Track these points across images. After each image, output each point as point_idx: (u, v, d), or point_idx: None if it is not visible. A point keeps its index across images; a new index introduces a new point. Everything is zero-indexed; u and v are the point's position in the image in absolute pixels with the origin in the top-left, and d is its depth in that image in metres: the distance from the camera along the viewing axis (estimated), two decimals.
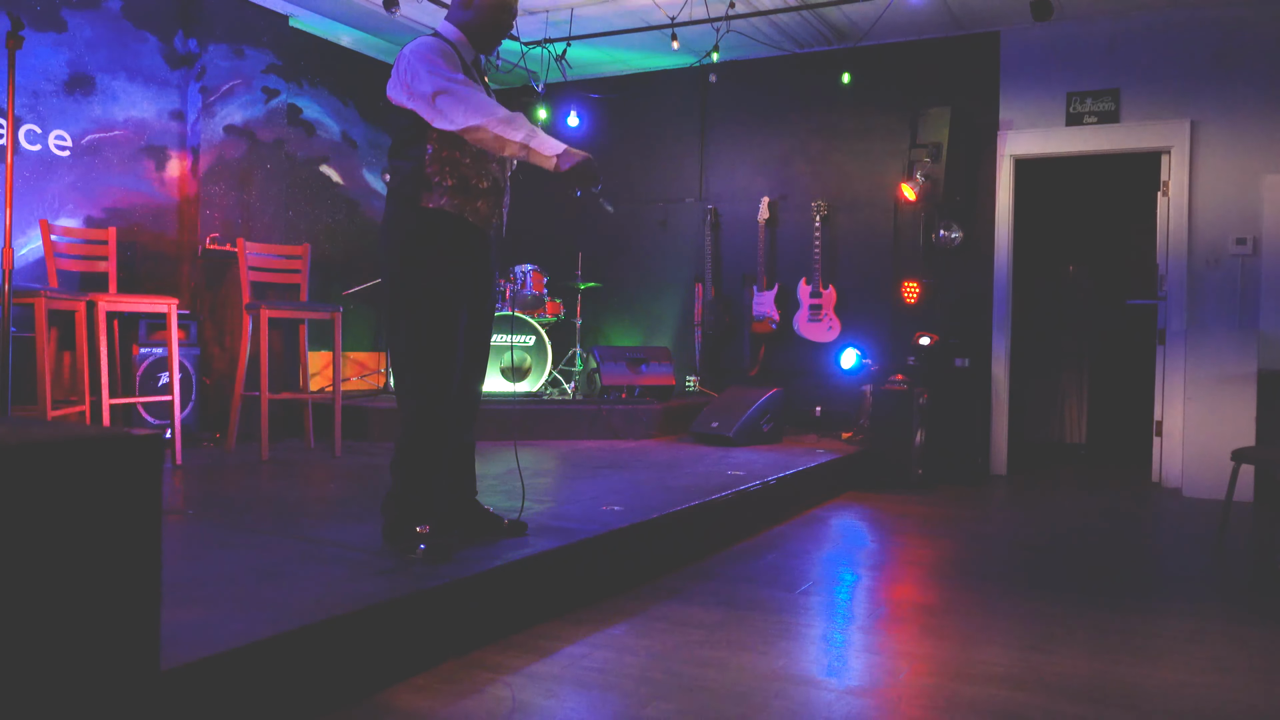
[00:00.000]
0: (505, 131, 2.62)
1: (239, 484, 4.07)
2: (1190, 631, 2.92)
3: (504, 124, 2.62)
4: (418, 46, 2.77)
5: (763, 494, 4.34)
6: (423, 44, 2.77)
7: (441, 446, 2.87)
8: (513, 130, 2.62)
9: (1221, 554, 4.03)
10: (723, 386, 6.80)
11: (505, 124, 2.62)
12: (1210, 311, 5.74)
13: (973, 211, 6.35)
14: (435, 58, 2.72)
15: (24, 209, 4.88)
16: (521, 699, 2.25)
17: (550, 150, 2.63)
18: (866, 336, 6.60)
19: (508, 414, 5.79)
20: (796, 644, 2.72)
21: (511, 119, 2.64)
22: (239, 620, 2.11)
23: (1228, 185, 5.72)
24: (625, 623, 2.87)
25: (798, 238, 6.83)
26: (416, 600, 2.41)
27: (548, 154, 2.63)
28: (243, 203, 5.88)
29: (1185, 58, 5.81)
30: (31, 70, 4.92)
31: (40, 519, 1.54)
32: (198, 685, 1.85)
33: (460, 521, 3.03)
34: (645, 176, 7.42)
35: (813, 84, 6.79)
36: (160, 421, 5.02)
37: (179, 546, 2.83)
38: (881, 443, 5.65)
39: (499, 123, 2.62)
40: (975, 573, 3.63)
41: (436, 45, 2.77)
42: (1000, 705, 2.27)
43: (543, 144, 2.63)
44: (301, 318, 5.17)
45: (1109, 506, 5.21)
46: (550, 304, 6.67)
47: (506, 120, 2.63)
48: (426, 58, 2.72)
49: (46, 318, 4.08)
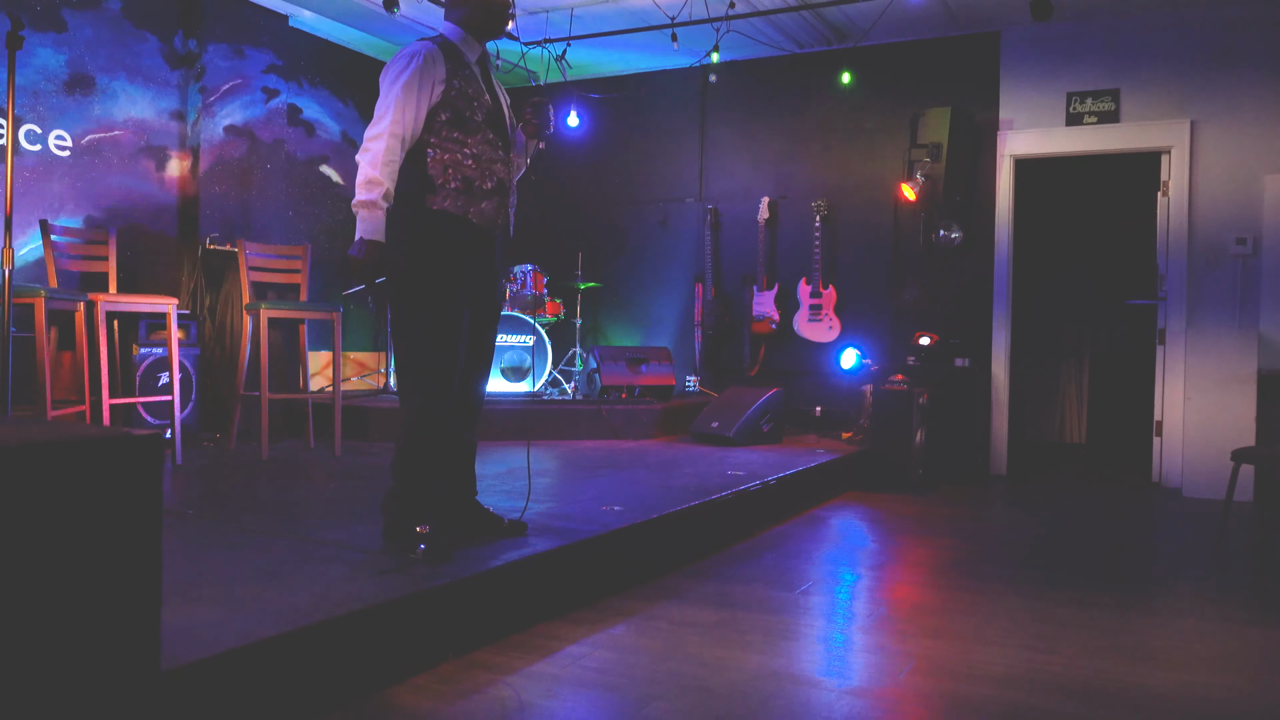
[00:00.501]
0: (357, 188, 2.73)
1: (239, 484, 4.07)
2: (1190, 631, 2.92)
3: (361, 182, 2.72)
4: (394, 60, 2.79)
5: (763, 494, 4.34)
6: (404, 57, 2.77)
7: (442, 446, 2.87)
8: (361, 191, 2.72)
9: (1221, 554, 4.03)
10: (723, 386, 6.80)
11: (361, 183, 2.72)
12: (1210, 311, 5.74)
13: (973, 211, 6.35)
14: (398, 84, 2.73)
15: (24, 209, 4.88)
16: (522, 699, 2.25)
17: (360, 231, 2.73)
18: (866, 336, 6.60)
19: (508, 414, 5.79)
20: (796, 644, 2.72)
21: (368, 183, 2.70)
22: (239, 620, 2.11)
23: (1228, 185, 5.72)
24: (625, 623, 2.87)
25: (798, 238, 6.83)
26: (416, 600, 2.40)
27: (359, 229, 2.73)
28: (243, 203, 5.89)
29: (1185, 58, 5.81)
30: (31, 70, 4.92)
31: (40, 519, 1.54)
32: (198, 685, 1.85)
33: (460, 521, 3.03)
34: (645, 176, 7.43)
35: (813, 84, 6.79)
36: (160, 421, 5.02)
37: (179, 546, 2.83)
38: (881, 443, 5.65)
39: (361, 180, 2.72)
40: (975, 573, 3.63)
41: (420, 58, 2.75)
42: (1000, 705, 2.27)
43: (362, 221, 2.73)
44: (301, 318, 5.17)
45: (1109, 506, 5.21)
46: (550, 304, 6.67)
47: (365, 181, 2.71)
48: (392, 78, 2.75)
49: (46, 318, 4.08)
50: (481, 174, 2.84)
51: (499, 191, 2.90)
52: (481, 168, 2.84)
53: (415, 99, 2.74)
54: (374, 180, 2.70)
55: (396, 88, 2.73)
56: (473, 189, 2.83)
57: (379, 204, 2.70)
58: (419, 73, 2.74)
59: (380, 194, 2.70)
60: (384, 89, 2.76)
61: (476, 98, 2.85)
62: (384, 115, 2.73)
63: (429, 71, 2.75)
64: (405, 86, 2.73)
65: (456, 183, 2.80)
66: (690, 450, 5.50)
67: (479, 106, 2.85)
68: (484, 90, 2.89)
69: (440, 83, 2.77)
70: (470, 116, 2.82)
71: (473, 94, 2.83)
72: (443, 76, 2.77)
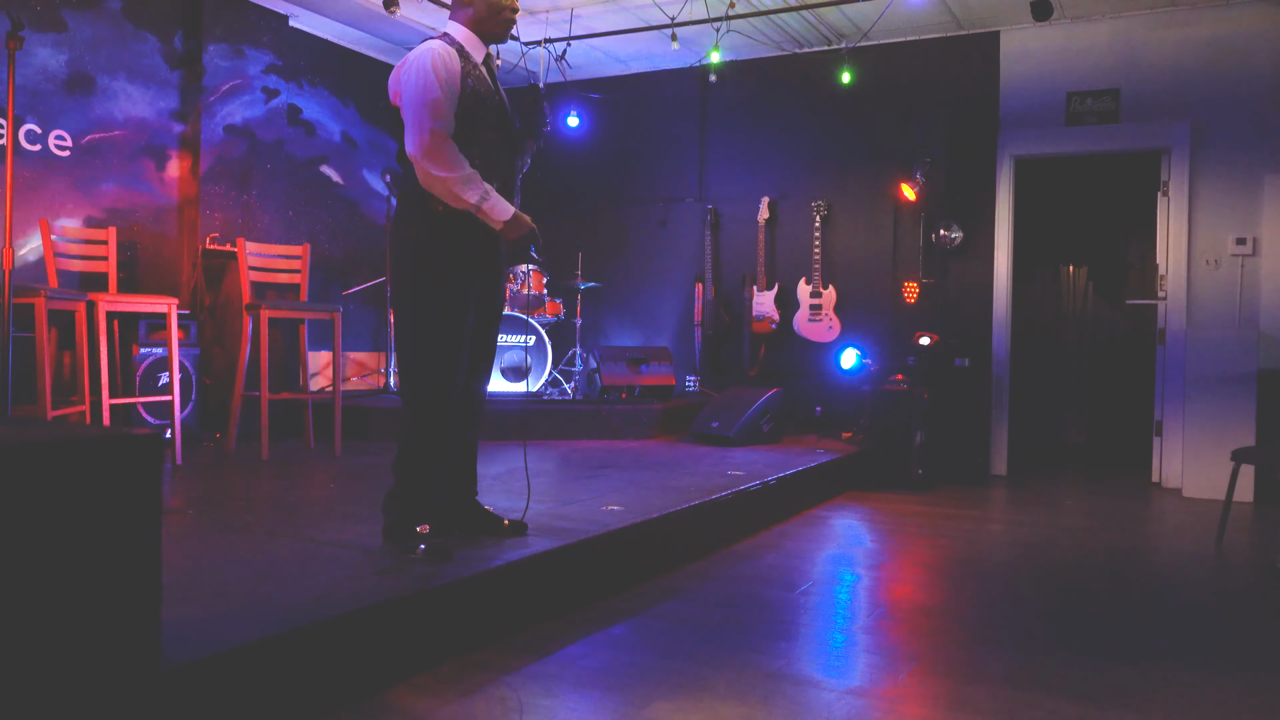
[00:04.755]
0: (461, 191, 2.74)
1: (239, 484, 4.07)
2: (1190, 631, 2.92)
3: (462, 184, 2.73)
4: (420, 60, 2.74)
5: (763, 494, 4.34)
6: (425, 57, 2.73)
7: (443, 446, 2.87)
8: (469, 192, 2.74)
9: (1221, 554, 4.03)
10: (723, 386, 6.80)
11: (463, 184, 2.73)
12: (1210, 311, 5.74)
13: (973, 211, 6.35)
14: (432, 81, 2.70)
15: (24, 209, 4.88)
16: (521, 699, 2.25)
17: (499, 216, 2.79)
18: (866, 336, 6.60)
19: (508, 414, 5.79)
20: (796, 644, 2.72)
21: (469, 180, 2.74)
22: (239, 620, 2.11)
23: (1228, 185, 5.72)
24: (625, 623, 2.87)
25: (798, 238, 6.83)
26: (417, 600, 2.40)
27: (496, 219, 2.79)
28: (243, 203, 5.89)
29: (1185, 58, 5.80)
30: (31, 70, 4.92)
31: (41, 519, 1.54)
32: (198, 685, 1.85)
33: (460, 521, 3.03)
34: (645, 176, 7.42)
35: (813, 84, 6.79)
36: (160, 421, 5.02)
37: (179, 546, 2.83)
38: (881, 443, 5.65)
39: (459, 181, 2.73)
40: (975, 573, 3.63)
41: (440, 59, 2.73)
42: (1000, 705, 2.27)
43: (493, 208, 2.78)
44: (301, 318, 5.17)
45: (1109, 506, 5.21)
46: (550, 304, 6.67)
47: (465, 180, 2.74)
48: (425, 79, 2.71)
49: (46, 318, 4.08)
50: (487, 173, 2.84)
51: (504, 191, 2.90)
52: (488, 167, 2.84)
53: (447, 94, 2.73)
54: (471, 178, 2.74)
55: (431, 87, 2.70)
56: None
57: (488, 190, 2.76)
58: (444, 70, 2.73)
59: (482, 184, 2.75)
60: (415, 89, 2.71)
61: (488, 97, 2.85)
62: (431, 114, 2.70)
63: (450, 68, 2.75)
64: (438, 83, 2.71)
65: None
66: (690, 450, 5.50)
67: (489, 107, 2.85)
68: (493, 90, 2.89)
69: (458, 80, 2.77)
70: (481, 117, 2.82)
71: (484, 93, 2.84)
72: (459, 75, 2.77)
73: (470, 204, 2.74)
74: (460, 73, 2.77)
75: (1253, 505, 5.25)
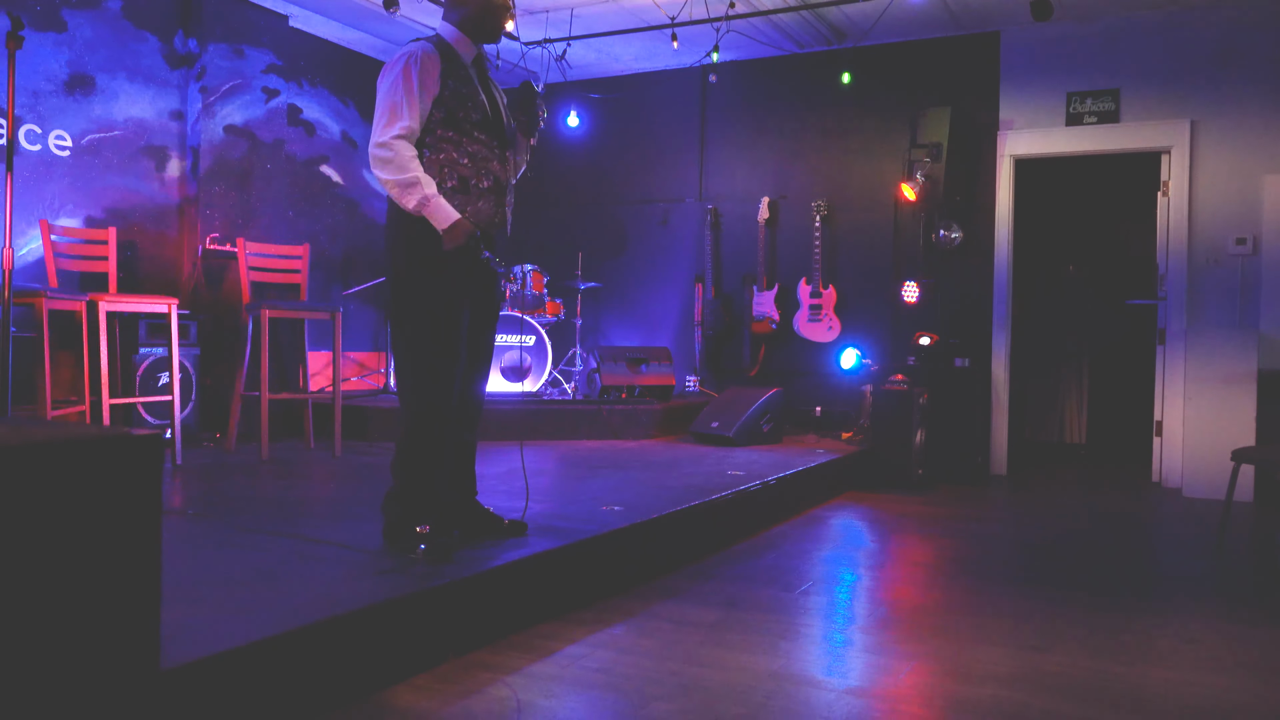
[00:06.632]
0: (400, 195, 2.74)
1: (239, 484, 4.07)
2: (1190, 631, 2.92)
3: (401, 187, 2.73)
4: (395, 62, 2.78)
5: (763, 494, 4.34)
6: (400, 60, 2.76)
7: (442, 446, 2.87)
8: (408, 196, 2.74)
9: (1221, 554, 4.03)
10: (723, 386, 6.80)
11: (402, 188, 2.73)
12: (1210, 311, 5.74)
13: (973, 211, 6.35)
14: (399, 84, 2.73)
15: (24, 209, 4.88)
16: (522, 699, 2.25)
17: (438, 223, 2.75)
18: (866, 336, 6.60)
19: (508, 414, 5.79)
20: (796, 644, 2.72)
21: (409, 184, 2.73)
22: (239, 620, 2.11)
23: (1228, 185, 5.72)
24: (625, 623, 2.87)
25: (798, 238, 6.83)
26: (416, 600, 2.40)
27: (437, 225, 2.75)
28: (243, 203, 5.88)
29: (1185, 58, 5.81)
30: (31, 70, 4.92)
31: (40, 519, 1.54)
32: (198, 685, 1.85)
33: (460, 522, 3.03)
34: (645, 176, 7.42)
35: (813, 84, 6.79)
36: (160, 421, 5.02)
37: (179, 546, 2.83)
38: (881, 443, 5.65)
39: (397, 185, 2.73)
40: (975, 573, 3.63)
41: (415, 62, 2.75)
42: (1000, 705, 2.27)
43: (433, 214, 2.75)
44: (301, 318, 5.17)
45: (1109, 506, 5.21)
46: (550, 304, 6.67)
47: (405, 185, 2.73)
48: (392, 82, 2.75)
49: (47, 318, 4.08)
50: (477, 173, 2.84)
51: (496, 191, 2.91)
52: (477, 167, 2.84)
53: (416, 99, 2.75)
54: (411, 182, 2.72)
55: (397, 89, 2.74)
56: (469, 188, 2.83)
57: (431, 194, 2.73)
58: (417, 73, 2.75)
59: (425, 188, 2.73)
60: (383, 91, 2.77)
61: (471, 98, 2.85)
62: (391, 117, 2.74)
63: (426, 72, 2.76)
64: (406, 88, 2.74)
65: (453, 182, 2.81)
66: (690, 450, 5.50)
67: (473, 107, 2.85)
68: (479, 91, 2.89)
69: (435, 83, 2.77)
70: (465, 117, 2.82)
71: (467, 94, 2.84)
72: (438, 77, 2.78)
73: (409, 209, 2.74)
74: (439, 75, 2.78)
75: (1253, 505, 5.25)
